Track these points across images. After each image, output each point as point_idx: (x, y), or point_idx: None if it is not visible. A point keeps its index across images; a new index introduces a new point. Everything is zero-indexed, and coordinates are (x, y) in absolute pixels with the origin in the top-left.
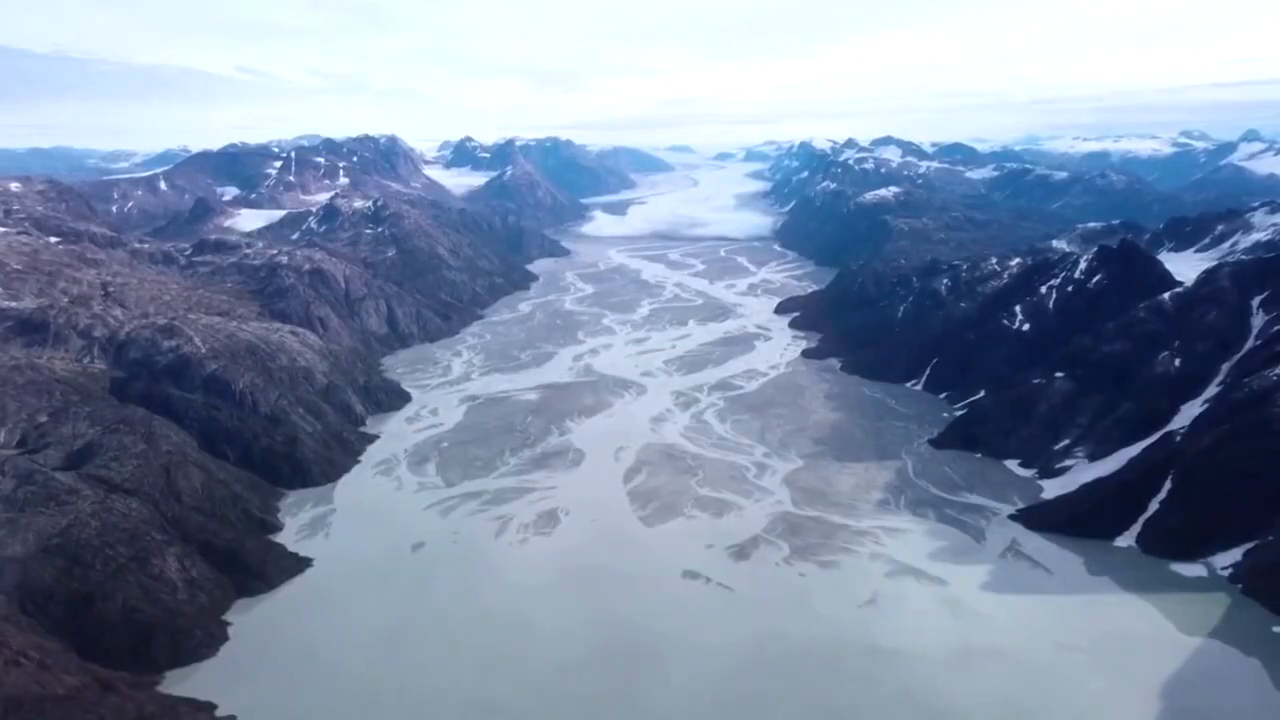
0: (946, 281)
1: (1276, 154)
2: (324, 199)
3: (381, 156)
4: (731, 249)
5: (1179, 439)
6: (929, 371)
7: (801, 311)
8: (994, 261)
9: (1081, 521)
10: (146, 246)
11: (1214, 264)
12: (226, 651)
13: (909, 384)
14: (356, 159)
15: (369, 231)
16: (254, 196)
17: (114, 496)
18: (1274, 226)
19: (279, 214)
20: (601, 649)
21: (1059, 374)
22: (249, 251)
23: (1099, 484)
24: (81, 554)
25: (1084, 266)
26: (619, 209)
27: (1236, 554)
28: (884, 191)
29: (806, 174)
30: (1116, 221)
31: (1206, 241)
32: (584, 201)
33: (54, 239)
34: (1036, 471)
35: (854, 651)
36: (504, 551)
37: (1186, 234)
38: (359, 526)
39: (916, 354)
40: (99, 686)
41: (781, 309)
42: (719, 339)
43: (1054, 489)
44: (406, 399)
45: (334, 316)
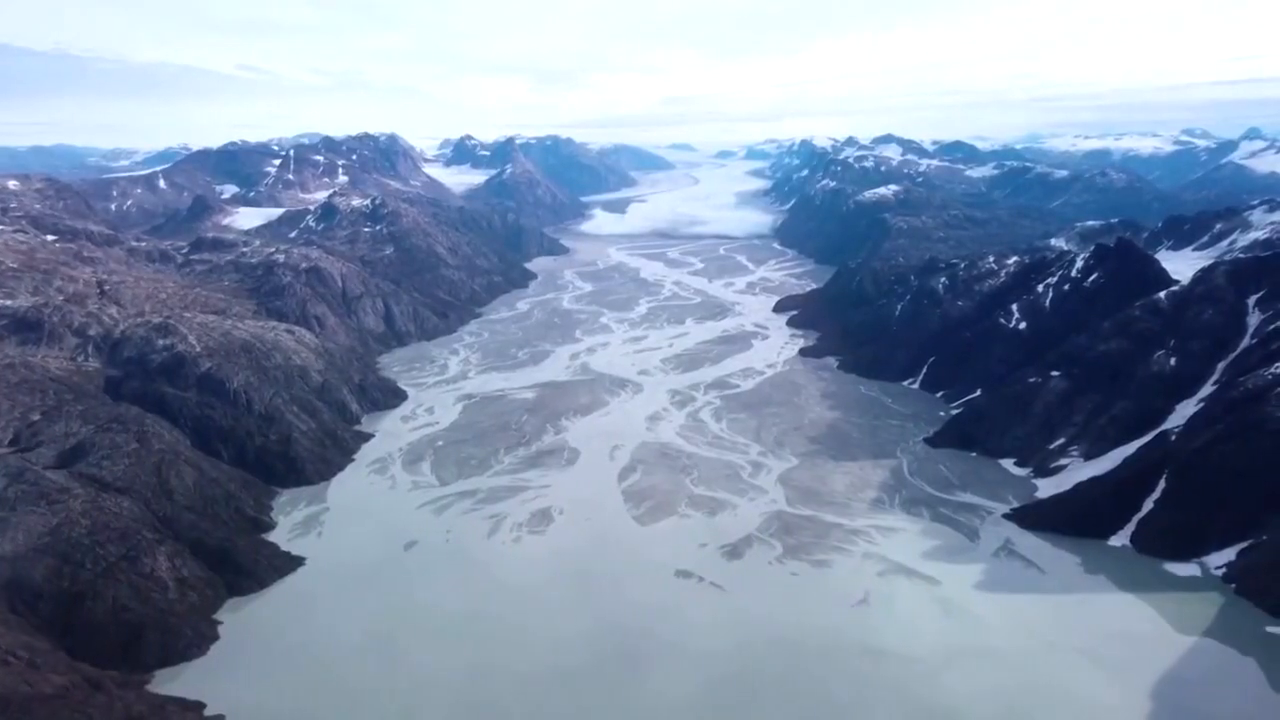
0: (944, 280)
1: (1278, 152)
2: (323, 197)
3: (381, 155)
4: (731, 247)
5: (1174, 438)
6: (926, 370)
7: (799, 310)
8: (991, 260)
9: (1075, 520)
10: (143, 245)
11: (1210, 262)
12: (216, 651)
13: (906, 382)
14: (356, 157)
15: (367, 230)
16: (253, 195)
17: (105, 495)
18: (1272, 225)
19: (277, 212)
20: (591, 649)
21: (1055, 373)
22: (246, 250)
23: (1093, 483)
24: (71, 553)
25: (1080, 265)
26: (619, 207)
27: (1230, 553)
28: (883, 190)
29: (807, 172)
30: (1115, 220)
31: (1205, 240)
32: (584, 200)
33: (51, 237)
34: (1031, 470)
35: (845, 651)
36: (497, 551)
37: (1185, 232)
38: (352, 525)
39: (914, 352)
40: (87, 686)
41: (779, 307)
42: (716, 337)
43: (1049, 488)
44: (402, 397)
45: (331, 315)
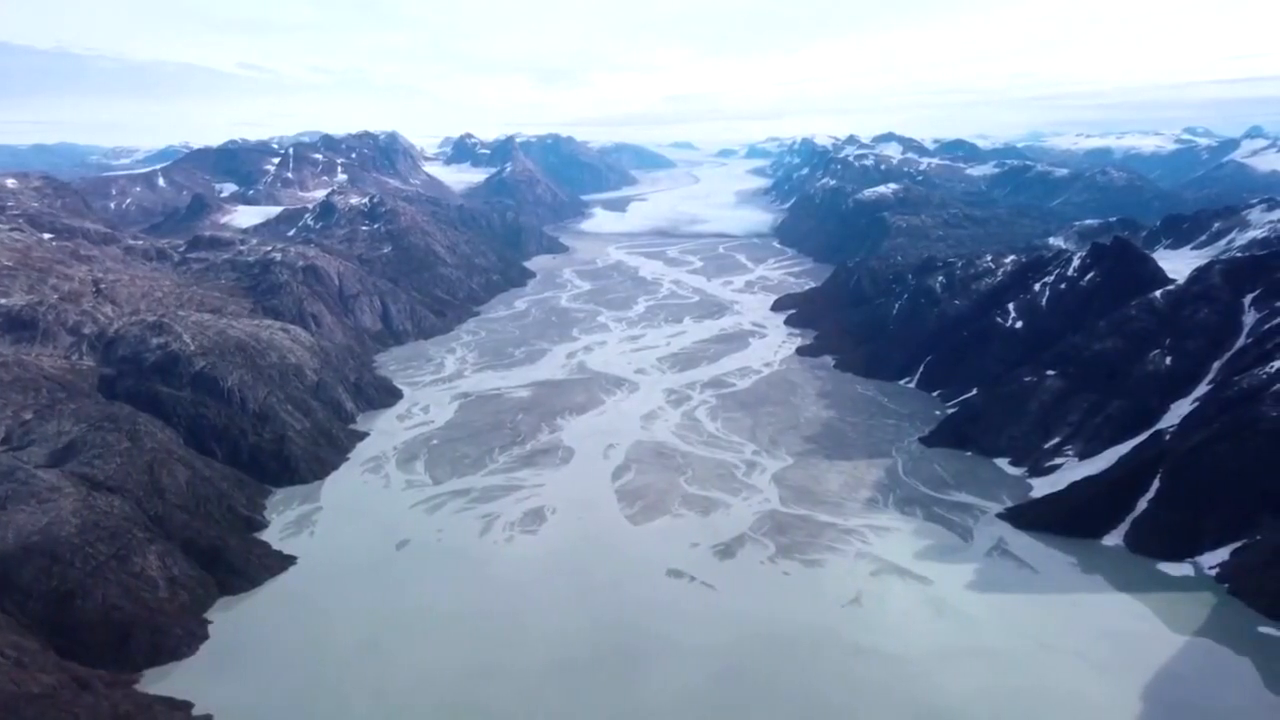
0: (941, 279)
1: (1279, 151)
2: (321, 196)
3: (380, 153)
4: (730, 246)
5: (1168, 438)
6: (922, 369)
7: (797, 309)
8: (989, 259)
9: (1069, 520)
10: (140, 243)
11: (1207, 261)
12: (206, 650)
13: (902, 381)
14: (355, 155)
15: (365, 228)
16: (251, 193)
17: (96, 494)
18: (1271, 224)
19: (276, 210)
20: (583, 649)
21: (1050, 372)
22: (243, 248)
23: (1087, 483)
24: (61, 551)
25: (1077, 264)
26: (619, 206)
27: (1224, 554)
28: (883, 188)
29: (807, 171)
30: (1114, 219)
31: (1203, 239)
32: (584, 198)
33: (47, 235)
34: (1026, 470)
35: (836, 651)
36: (489, 550)
37: (1183, 231)
38: (345, 524)
39: (910, 351)
40: (75, 685)
41: (777, 306)
42: (714, 336)
43: (1043, 487)
44: (398, 396)
45: (327, 314)
